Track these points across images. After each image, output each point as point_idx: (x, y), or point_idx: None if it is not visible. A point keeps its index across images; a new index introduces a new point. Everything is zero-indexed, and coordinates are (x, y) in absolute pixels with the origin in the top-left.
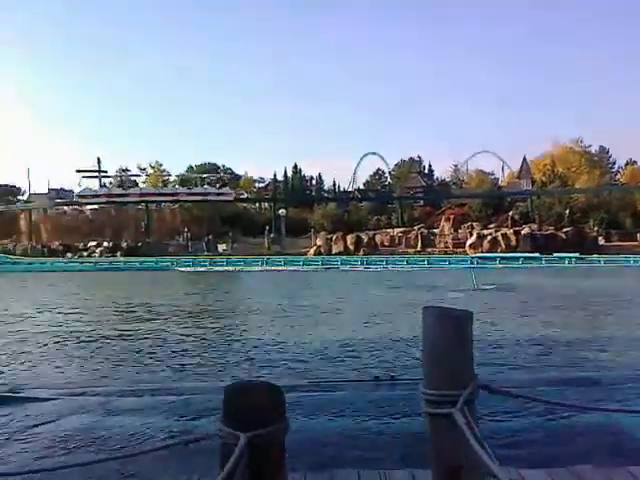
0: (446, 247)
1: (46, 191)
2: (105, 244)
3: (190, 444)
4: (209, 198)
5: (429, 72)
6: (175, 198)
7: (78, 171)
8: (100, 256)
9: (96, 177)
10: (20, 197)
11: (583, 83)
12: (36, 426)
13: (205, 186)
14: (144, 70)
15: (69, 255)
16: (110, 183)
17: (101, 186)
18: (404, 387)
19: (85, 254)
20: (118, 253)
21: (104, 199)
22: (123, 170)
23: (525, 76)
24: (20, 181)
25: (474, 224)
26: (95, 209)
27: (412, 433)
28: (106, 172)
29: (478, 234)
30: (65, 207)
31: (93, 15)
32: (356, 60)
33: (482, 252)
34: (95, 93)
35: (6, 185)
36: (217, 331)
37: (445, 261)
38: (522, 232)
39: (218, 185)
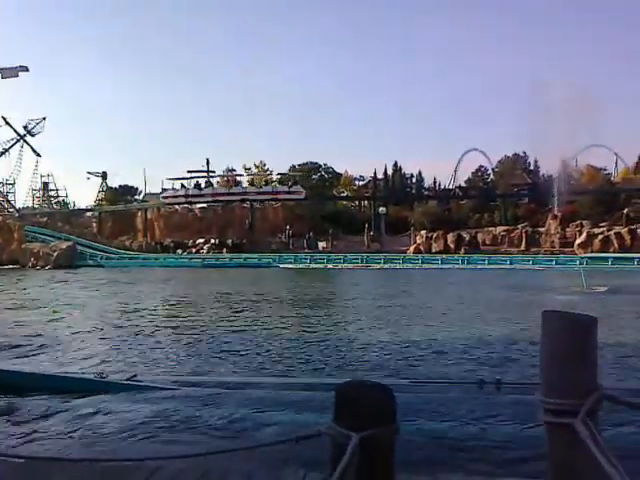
0: (552, 246)
1: (160, 191)
2: (212, 241)
3: (300, 441)
4: (279, 197)
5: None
6: (244, 197)
7: (189, 171)
8: (207, 252)
9: (205, 177)
10: (137, 197)
11: None
12: (153, 414)
13: (275, 184)
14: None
15: (179, 251)
16: (217, 182)
17: (206, 186)
18: (510, 392)
19: (194, 250)
20: (224, 250)
21: (182, 199)
22: (229, 170)
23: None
24: (137, 182)
25: (584, 222)
26: (203, 208)
27: (520, 441)
28: (214, 172)
29: (588, 233)
30: (176, 206)
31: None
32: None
33: (592, 252)
34: (207, 100)
35: (125, 185)
36: (319, 328)
37: (552, 261)
38: (638, 231)
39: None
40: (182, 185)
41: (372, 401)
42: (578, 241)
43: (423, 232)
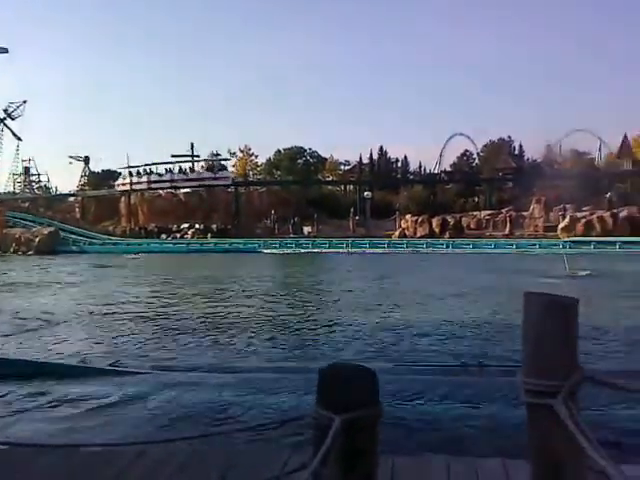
0: (536, 230)
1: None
2: (197, 226)
3: (284, 424)
4: (205, 183)
5: (520, 56)
6: (173, 185)
7: (173, 156)
8: (192, 237)
9: (189, 161)
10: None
11: None
12: (135, 399)
13: (200, 171)
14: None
15: (163, 236)
16: (202, 167)
17: (192, 170)
18: (493, 374)
19: (178, 236)
20: (209, 235)
21: (127, 187)
22: (214, 155)
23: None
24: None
25: (567, 206)
26: (188, 192)
27: (501, 422)
28: (198, 157)
29: (571, 217)
30: (160, 190)
31: None
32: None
33: (575, 236)
34: (191, 85)
35: (108, 170)
36: (304, 312)
37: (535, 245)
38: (620, 215)
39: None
40: (129, 173)
41: (355, 383)
42: (561, 225)
43: (408, 216)
